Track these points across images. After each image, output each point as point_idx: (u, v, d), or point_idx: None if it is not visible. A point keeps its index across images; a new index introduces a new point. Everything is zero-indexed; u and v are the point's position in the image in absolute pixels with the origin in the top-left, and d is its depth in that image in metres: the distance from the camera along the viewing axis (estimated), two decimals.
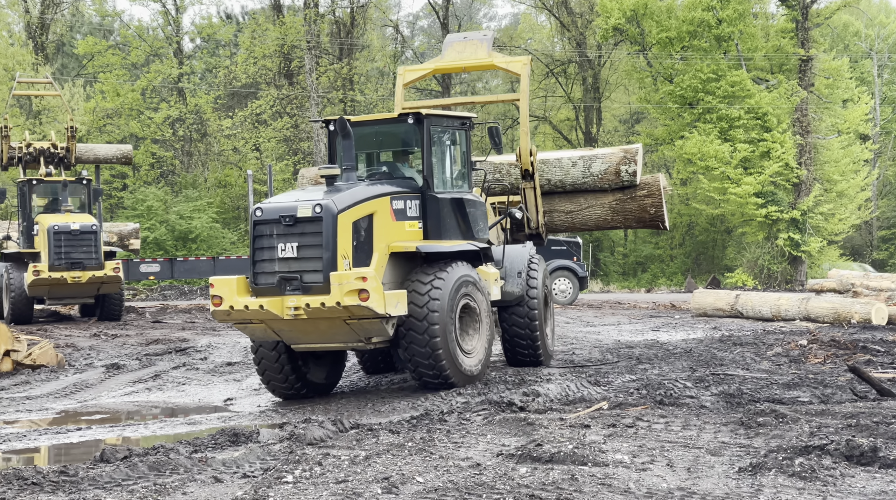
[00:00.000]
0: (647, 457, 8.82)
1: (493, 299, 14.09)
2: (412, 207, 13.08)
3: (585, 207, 17.29)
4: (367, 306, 11.85)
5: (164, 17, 54.03)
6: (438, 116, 13.66)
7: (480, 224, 13.95)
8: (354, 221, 12.28)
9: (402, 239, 12.86)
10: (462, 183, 14.10)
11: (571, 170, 17.21)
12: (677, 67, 47.28)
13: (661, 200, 16.81)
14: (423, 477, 8.15)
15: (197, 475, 8.42)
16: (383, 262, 12.57)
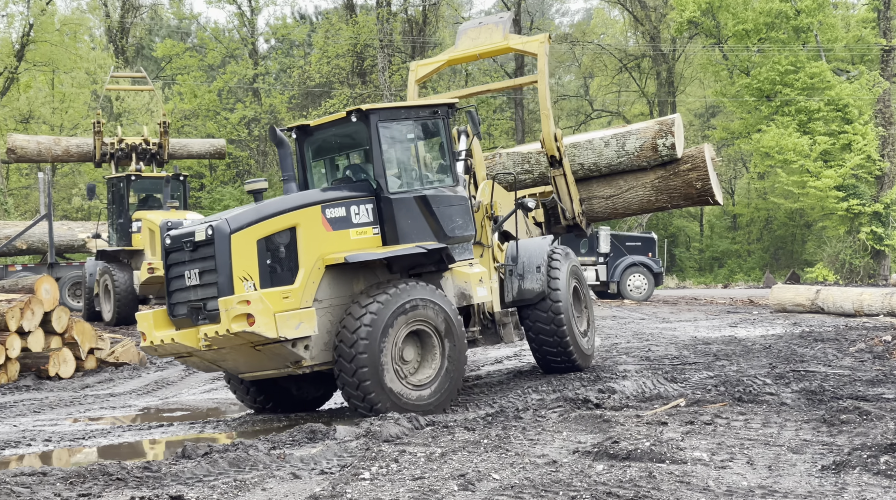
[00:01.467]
0: (726, 455, 8.72)
1: (480, 301, 12.91)
2: (362, 212, 12.01)
3: (626, 190, 15.95)
4: (254, 331, 10.89)
5: (240, 18, 54.73)
6: (389, 109, 12.50)
7: (458, 221, 12.61)
8: (262, 238, 11.34)
9: (346, 249, 11.72)
10: (440, 178, 12.84)
11: (604, 151, 15.88)
12: (754, 60, 46.58)
13: (707, 172, 15.37)
14: (499, 474, 8.14)
15: (276, 472, 8.52)
16: (315, 277, 11.56)
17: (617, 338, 20.09)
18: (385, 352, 11.38)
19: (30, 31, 45.58)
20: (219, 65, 53.87)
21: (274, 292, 11.17)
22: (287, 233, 11.55)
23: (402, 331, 11.54)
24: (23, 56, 45.51)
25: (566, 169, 15.33)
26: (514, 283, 13.73)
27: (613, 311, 26.94)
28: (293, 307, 11.27)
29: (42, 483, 8.14)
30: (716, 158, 15.78)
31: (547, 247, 13.97)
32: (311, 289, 11.52)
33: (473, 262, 12.87)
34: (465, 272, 12.73)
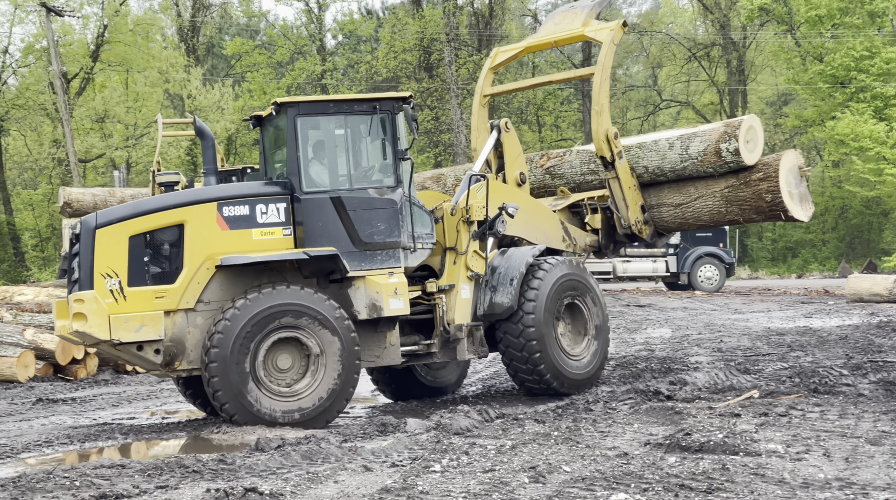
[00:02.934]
0: (801, 447, 8.59)
1: (393, 313, 11.71)
2: (271, 211, 11.40)
3: (695, 198, 14.02)
4: (85, 331, 10.67)
5: (308, 15, 55.16)
6: (311, 103, 11.73)
7: (378, 225, 11.64)
8: (137, 234, 11.02)
9: (244, 250, 11.19)
10: (378, 178, 11.95)
11: (668, 153, 13.98)
12: (827, 46, 45.75)
13: (778, 184, 13.39)
14: (569, 466, 8.12)
15: (347, 464, 8.60)
16: (202, 278, 11.12)
17: (688, 330, 19.91)
18: (243, 361, 10.82)
19: (104, 31, 46.45)
20: (287, 62, 54.36)
21: (146, 291, 10.95)
22: (172, 230, 11.18)
23: (268, 338, 10.94)
24: (98, 56, 46.39)
25: (619, 172, 13.83)
26: (486, 295, 12.50)
27: (684, 302, 26.69)
28: (169, 308, 10.99)
29: (121, 475, 8.31)
30: (804, 168, 13.79)
31: (528, 257, 12.59)
32: (195, 290, 11.11)
33: (395, 272, 11.72)
34: (378, 282, 11.62)
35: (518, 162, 13.77)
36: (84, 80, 46.79)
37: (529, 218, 13.41)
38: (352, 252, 11.53)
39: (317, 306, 11.11)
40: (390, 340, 11.90)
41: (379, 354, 11.87)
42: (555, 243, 13.63)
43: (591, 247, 14.26)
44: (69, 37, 46.63)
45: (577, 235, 14.03)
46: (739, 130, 13.39)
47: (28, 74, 47.30)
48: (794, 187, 13.59)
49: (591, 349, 12.98)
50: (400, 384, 13.52)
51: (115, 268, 10.90)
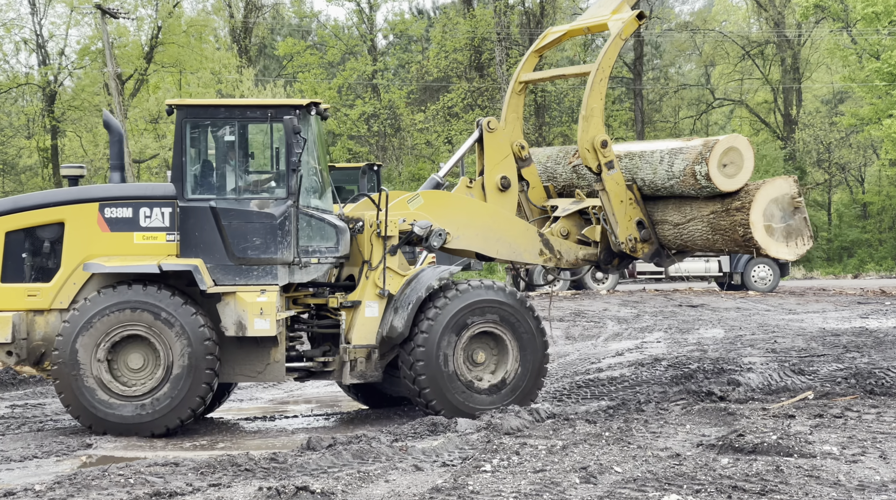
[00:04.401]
0: (857, 448, 8.49)
1: (257, 334, 11.04)
2: (155, 215, 11.05)
3: (689, 220, 12.63)
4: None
5: (359, 15, 55.39)
6: (201, 107, 11.40)
7: (254, 240, 11.10)
8: (14, 230, 10.97)
9: (122, 253, 10.97)
10: (267, 188, 11.56)
11: (658, 168, 12.59)
12: (884, 43, 45.06)
13: (748, 216, 11.96)
14: (621, 467, 8.08)
15: (398, 464, 8.62)
16: (78, 279, 10.97)
17: (741, 330, 19.71)
18: (82, 362, 10.68)
19: (158, 33, 46.97)
20: (338, 62, 54.60)
21: (17, 288, 10.94)
22: (52, 228, 11.04)
23: (108, 337, 10.73)
24: (152, 58, 46.92)
25: (607, 184, 12.48)
26: (389, 316, 11.61)
27: (737, 302, 26.44)
28: (41, 307, 10.93)
29: (175, 473, 8.40)
30: (796, 198, 12.19)
31: (433, 281, 11.61)
32: (70, 291, 10.97)
33: (268, 289, 11.07)
34: (245, 300, 11.01)
35: (503, 165, 12.88)
36: (138, 82, 47.35)
37: (489, 230, 12.37)
38: (226, 265, 11.11)
39: (163, 306, 10.82)
40: (274, 357, 11.34)
41: (261, 370, 11.38)
42: (526, 258, 12.61)
43: (584, 261, 12.97)
44: (124, 38, 47.21)
45: (565, 249, 12.82)
46: (712, 153, 11.99)
47: (83, 76, 47.95)
48: (777, 221, 12.13)
49: (511, 380, 11.72)
50: (365, 391, 13.03)
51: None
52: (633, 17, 12.72)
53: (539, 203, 13.44)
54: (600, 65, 12.51)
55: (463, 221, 12.21)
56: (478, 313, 11.61)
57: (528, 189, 13.38)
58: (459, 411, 11.31)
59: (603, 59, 12.55)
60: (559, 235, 12.90)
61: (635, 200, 12.75)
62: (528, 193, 13.39)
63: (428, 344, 11.40)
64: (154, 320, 10.79)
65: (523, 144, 13.20)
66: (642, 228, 12.78)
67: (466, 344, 11.63)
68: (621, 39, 12.68)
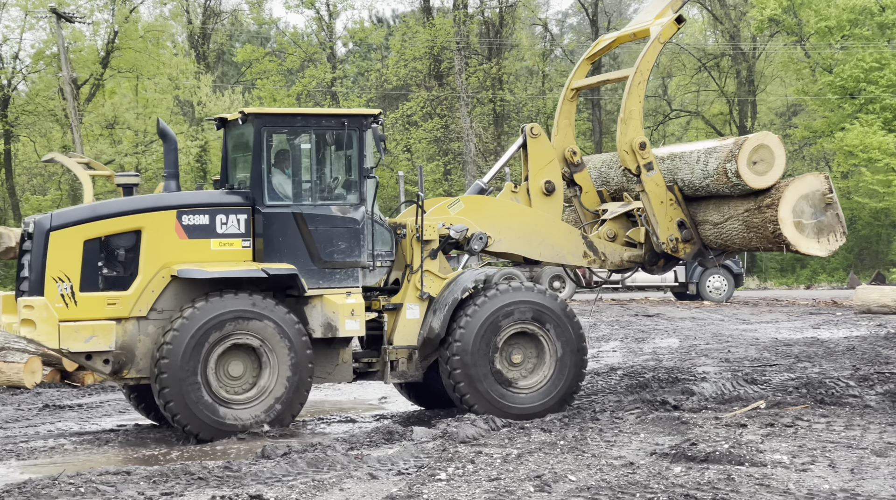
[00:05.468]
0: (807, 457, 8.60)
1: (348, 334, 11.46)
2: (231, 222, 11.22)
3: (727, 219, 12.73)
4: (34, 338, 10.57)
5: (318, 23, 55.30)
6: (280, 115, 11.72)
7: (339, 244, 11.44)
8: (92, 238, 10.87)
9: (201, 260, 11.03)
10: (341, 195, 11.73)
11: (695, 167, 12.70)
12: (837, 57, 45.71)
13: (778, 214, 12.05)
14: (575, 476, 8.13)
15: (353, 472, 8.61)
16: (157, 286, 10.97)
17: (696, 340, 19.89)
18: (194, 371, 10.72)
19: (114, 38, 46.60)
20: (298, 69, 54.47)
21: (97, 297, 10.84)
22: (129, 236, 11.02)
23: (217, 346, 10.84)
24: (108, 63, 46.53)
25: (647, 185, 12.68)
26: (429, 318, 11.89)
27: (693, 312, 26.67)
28: (120, 315, 10.86)
29: (126, 482, 8.33)
30: (828, 195, 12.19)
31: (469, 281, 11.97)
32: (149, 298, 10.96)
33: (353, 291, 11.47)
34: (335, 302, 11.34)
35: (547, 170, 12.98)
36: (94, 87, 46.94)
37: (532, 233, 12.63)
38: (311, 270, 11.36)
39: (269, 313, 10.97)
40: (343, 357, 11.68)
41: (331, 371, 11.67)
42: (570, 260, 12.91)
43: (629, 262, 13.16)
44: (79, 43, 46.78)
45: (610, 251, 13.04)
46: (741, 150, 12.12)
47: (38, 80, 47.42)
48: (808, 218, 12.19)
49: (548, 381, 11.97)
50: (417, 391, 13.21)
51: (68, 272, 10.76)
52: (672, 20, 12.90)
53: (592, 208, 13.62)
54: (638, 68, 12.75)
55: (504, 225, 12.48)
56: (515, 314, 11.89)
57: (581, 194, 13.60)
58: (496, 410, 11.58)
59: (641, 63, 12.77)
60: (606, 237, 13.16)
61: (676, 201, 12.92)
62: (581, 198, 13.61)
63: (463, 344, 11.69)
64: (261, 327, 10.94)
65: (575, 150, 13.46)
66: (683, 229, 12.96)
67: (503, 344, 11.90)
68: (660, 43, 12.87)
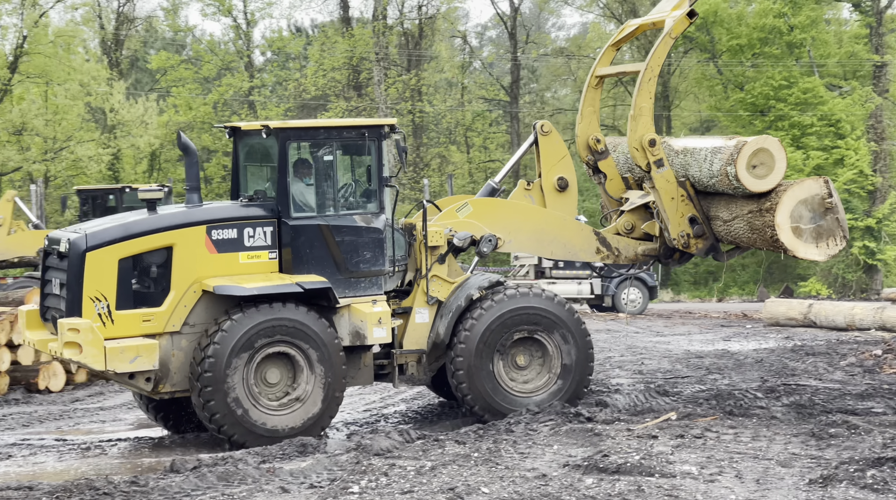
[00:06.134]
0: (715, 468, 8.72)
1: (376, 342, 11.75)
2: (258, 235, 11.40)
3: (734, 218, 12.64)
4: (80, 361, 10.63)
5: (236, 31, 54.76)
6: (303, 129, 11.89)
7: (364, 254, 11.69)
8: (126, 257, 10.93)
9: (231, 273, 11.18)
10: (361, 204, 11.96)
11: (703, 166, 12.56)
12: (748, 75, 46.71)
13: (775, 219, 12.00)
14: (488, 488, 8.14)
15: (265, 486, 8.51)
16: (189, 301, 11.10)
17: (610, 352, 20.08)
18: (234, 381, 10.87)
19: (23, 42, 45.57)
20: (214, 77, 53.90)
21: (133, 315, 10.91)
22: (161, 252, 11.13)
23: (257, 355, 11.00)
24: (16, 68, 45.47)
25: (657, 182, 12.68)
26: (437, 323, 12.15)
27: (608, 324, 26.94)
28: (155, 331, 10.96)
29: (28, 498, 8.12)
30: (828, 199, 12.10)
31: (474, 287, 12.16)
32: (182, 313, 11.10)
33: (378, 299, 11.76)
34: (363, 310, 11.58)
35: (559, 166, 13.06)
36: (2, 92, 45.86)
37: (542, 232, 12.78)
38: (337, 279, 11.55)
39: (303, 323, 11.15)
40: (365, 361, 11.94)
41: (354, 375, 11.88)
42: (583, 256, 13.10)
43: (644, 256, 13.22)
44: None
45: (623, 245, 13.10)
46: (739, 154, 12.03)
47: None
48: (806, 222, 12.13)
49: (552, 387, 12.27)
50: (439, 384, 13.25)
51: (104, 292, 10.80)
52: (684, 15, 12.67)
53: (617, 195, 13.57)
54: (649, 64, 12.66)
55: (514, 226, 12.62)
56: (519, 320, 12.10)
57: (606, 181, 13.57)
58: (499, 413, 11.81)
59: (651, 59, 12.67)
60: (623, 229, 13.21)
61: (688, 197, 12.85)
62: (605, 186, 13.57)
63: (467, 349, 11.91)
64: (296, 337, 11.12)
65: (598, 138, 13.42)
66: (695, 225, 12.92)
67: (508, 349, 12.14)
68: (671, 38, 12.74)
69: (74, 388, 15.98)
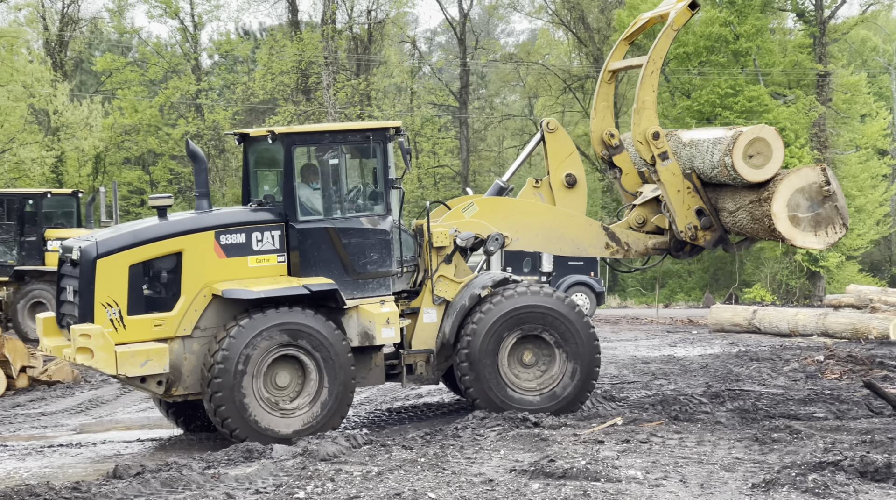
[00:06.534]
0: (660, 473, 8.79)
1: (385, 342, 11.94)
2: (266, 239, 11.61)
3: (738, 209, 12.65)
4: (92, 365, 10.85)
5: (182, 33, 54.32)
6: (309, 134, 12.03)
7: (372, 256, 11.88)
8: (137, 263, 11.14)
9: (240, 277, 11.38)
10: (368, 206, 12.13)
11: (705, 157, 12.58)
12: (695, 83, 47.21)
13: (771, 208, 12.06)
14: (435, 493, 8.14)
15: (209, 492, 8.44)
16: (199, 305, 11.29)
17: None
18: (244, 385, 11.06)
19: None
20: (161, 80, 53.41)
21: (144, 320, 11.11)
22: (171, 258, 11.32)
23: (266, 358, 11.18)
24: None
25: (662, 175, 12.71)
26: (444, 322, 12.34)
27: None
28: (166, 335, 11.15)
29: None
30: (825, 187, 12.14)
31: (478, 287, 12.34)
32: (192, 317, 11.30)
33: (386, 300, 11.92)
34: (371, 311, 11.75)
35: (567, 163, 13.20)
36: None
37: (550, 229, 12.93)
38: (345, 281, 11.72)
39: (311, 326, 11.32)
40: (376, 361, 12.13)
41: (365, 375, 12.08)
42: (592, 252, 13.22)
43: (654, 250, 13.32)
44: None
45: (633, 240, 13.22)
46: (735, 144, 12.09)
47: None
48: (804, 211, 12.19)
49: (557, 384, 12.39)
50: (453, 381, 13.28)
51: (116, 297, 11.01)
52: (685, 7, 12.67)
53: (633, 190, 13.56)
54: (651, 57, 12.68)
55: (521, 224, 12.78)
56: (524, 318, 12.24)
57: (622, 176, 13.55)
58: (500, 408, 11.98)
59: (653, 52, 12.67)
60: (635, 223, 13.31)
61: (694, 189, 12.85)
62: (621, 181, 13.57)
63: (472, 348, 12.06)
64: (304, 340, 11.30)
65: (613, 132, 13.41)
66: (702, 217, 12.93)
67: (513, 347, 12.28)
68: (672, 30, 12.73)
69: (15, 393, 15.74)
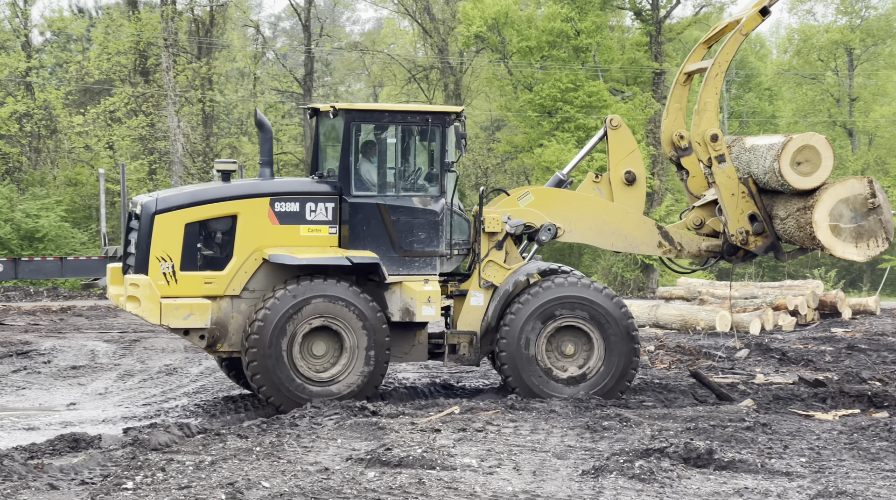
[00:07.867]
0: (494, 461, 8.92)
1: (424, 320, 12.46)
2: (319, 210, 12.28)
3: (788, 216, 12.70)
4: (138, 314, 11.83)
5: (12, 8, 52.05)
6: (368, 111, 12.66)
7: (419, 235, 12.41)
8: (193, 222, 12.04)
9: (290, 244, 12.08)
10: (423, 187, 12.64)
11: (760, 162, 12.72)
12: (537, 76, 48.04)
13: (812, 217, 12.10)
14: (269, 482, 8.06)
15: (31, 482, 8.14)
16: (250, 268, 12.13)
17: None
18: (280, 348, 11.78)
19: None
20: None
21: (195, 277, 11.96)
22: (226, 220, 12.11)
23: (302, 327, 11.86)
24: None
25: (717, 177, 12.84)
26: (489, 307, 12.76)
27: None
28: (215, 293, 12.02)
29: None
30: (871, 199, 12.16)
31: (520, 276, 12.73)
32: (242, 278, 12.10)
33: (430, 279, 12.45)
34: (414, 288, 12.36)
35: (628, 160, 13.48)
36: None
37: (603, 224, 13.20)
38: (392, 257, 12.35)
39: (351, 298, 11.95)
40: (419, 339, 12.68)
41: (407, 351, 12.66)
42: (644, 250, 13.40)
43: (707, 253, 13.44)
44: None
45: (686, 240, 13.40)
46: (783, 151, 12.26)
47: None
48: (846, 221, 12.21)
49: (595, 375, 12.70)
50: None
51: (170, 252, 11.89)
52: (756, 12, 12.77)
53: (698, 192, 13.65)
54: (717, 60, 12.83)
55: (575, 216, 13.13)
56: (565, 307, 12.62)
57: (688, 178, 13.62)
58: (535, 395, 12.42)
59: (720, 55, 12.80)
60: (692, 225, 13.50)
61: (749, 194, 12.96)
62: (687, 183, 13.68)
63: (511, 332, 12.50)
64: (343, 311, 11.92)
65: (682, 134, 13.41)
66: (755, 222, 13.04)
67: (552, 335, 12.66)
68: (741, 35, 12.82)
69: None
